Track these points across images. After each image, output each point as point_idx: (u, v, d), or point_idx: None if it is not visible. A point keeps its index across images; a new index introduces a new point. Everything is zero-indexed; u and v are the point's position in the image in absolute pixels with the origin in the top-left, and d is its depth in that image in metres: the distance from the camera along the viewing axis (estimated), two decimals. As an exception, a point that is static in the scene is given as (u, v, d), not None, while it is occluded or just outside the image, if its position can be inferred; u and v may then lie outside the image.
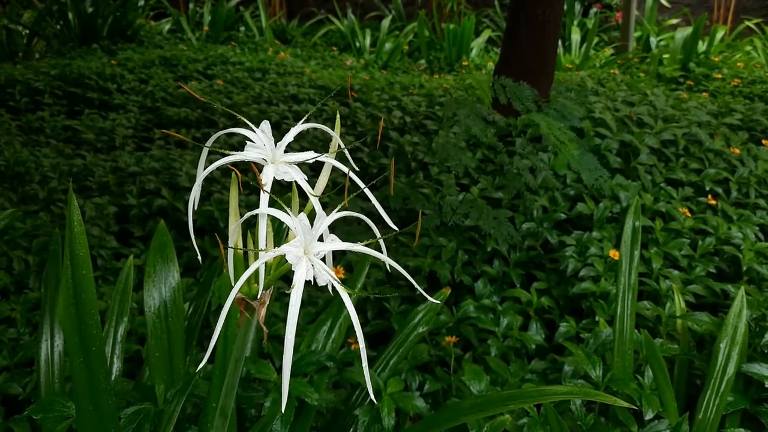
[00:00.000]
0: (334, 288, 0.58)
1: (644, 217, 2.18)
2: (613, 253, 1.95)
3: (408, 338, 1.39)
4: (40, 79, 3.89)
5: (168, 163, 2.69)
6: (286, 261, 0.57)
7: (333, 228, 0.61)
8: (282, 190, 0.63)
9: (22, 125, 3.31)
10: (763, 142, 2.87)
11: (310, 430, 1.25)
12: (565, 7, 6.17)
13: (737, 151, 2.66)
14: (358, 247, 0.59)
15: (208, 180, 2.50)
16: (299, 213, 0.60)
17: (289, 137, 0.64)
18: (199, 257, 0.69)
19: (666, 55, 5.35)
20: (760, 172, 2.54)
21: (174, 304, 1.14)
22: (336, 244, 0.59)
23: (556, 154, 2.56)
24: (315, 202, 0.61)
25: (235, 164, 0.62)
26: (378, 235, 0.64)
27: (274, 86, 4.11)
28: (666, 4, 7.07)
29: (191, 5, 6.72)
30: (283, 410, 0.53)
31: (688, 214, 2.24)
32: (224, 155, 0.62)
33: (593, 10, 6.81)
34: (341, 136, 0.69)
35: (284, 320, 1.69)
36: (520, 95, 2.06)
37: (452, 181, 2.42)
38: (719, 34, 5.71)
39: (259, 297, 0.63)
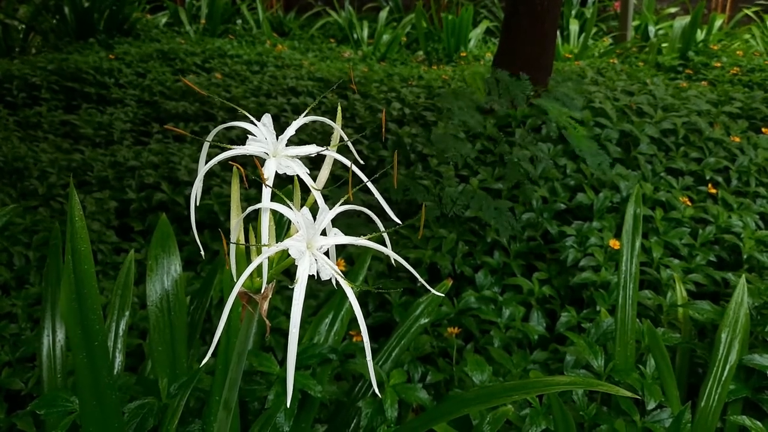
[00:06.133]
0: (336, 281, 0.58)
1: (644, 207, 2.18)
2: (614, 243, 1.94)
3: (410, 330, 1.39)
4: (37, 74, 3.88)
5: (167, 157, 2.69)
6: (289, 255, 0.57)
7: (334, 220, 0.61)
8: (281, 183, 0.63)
9: (20, 120, 3.30)
10: (763, 130, 2.87)
11: (314, 423, 1.25)
12: (564, -4, 6.14)
13: (737, 139, 2.65)
14: (362, 241, 0.59)
15: (208, 174, 2.49)
16: (301, 207, 0.60)
17: (290, 131, 0.63)
18: (202, 252, 0.69)
19: (665, 44, 5.33)
20: (760, 161, 2.54)
21: (176, 297, 1.14)
22: (339, 238, 0.59)
23: (556, 143, 2.55)
24: (317, 196, 0.61)
25: (235, 158, 0.62)
26: (381, 227, 0.64)
27: (273, 79, 4.10)
28: (664, -8, 7.04)
29: (188, -2, 6.69)
30: (288, 404, 0.53)
31: (689, 203, 2.24)
32: (225, 149, 0.62)
33: (591, -1, 6.79)
34: (341, 128, 0.69)
35: (286, 313, 1.69)
36: (515, 89, 2.05)
37: (451, 173, 2.41)
38: (718, 23, 5.69)
39: (261, 291, 0.63)
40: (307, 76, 4.23)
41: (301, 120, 0.66)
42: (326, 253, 0.60)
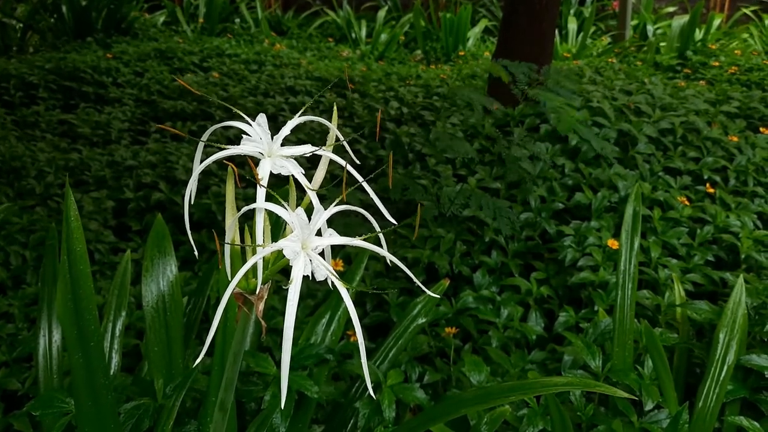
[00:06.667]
0: (332, 281, 0.58)
1: (643, 206, 2.18)
2: (612, 243, 1.94)
3: (407, 330, 1.39)
4: (35, 73, 3.87)
5: (165, 157, 2.68)
6: (284, 255, 0.57)
7: (331, 220, 0.61)
8: (278, 183, 0.62)
9: (17, 120, 3.29)
10: (761, 129, 2.87)
11: (311, 423, 1.25)
12: (562, -5, 6.14)
13: (735, 139, 2.65)
14: (357, 242, 0.59)
15: (205, 173, 2.49)
16: (297, 207, 0.59)
17: (285, 130, 0.63)
18: (196, 252, 0.69)
19: (663, 44, 5.33)
20: (758, 160, 2.53)
21: (172, 298, 1.14)
22: (334, 238, 0.59)
23: (554, 143, 2.55)
24: (312, 196, 0.60)
25: (231, 157, 0.62)
26: (377, 228, 0.63)
27: (271, 78, 4.09)
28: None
29: (186, -3, 6.68)
30: (282, 405, 0.53)
31: (687, 203, 2.24)
32: (221, 149, 0.62)
33: (590, -2, 6.78)
34: (338, 127, 0.69)
35: (283, 313, 1.68)
36: (519, 70, 2.08)
37: (449, 172, 2.41)
38: (716, 22, 5.69)
39: (257, 292, 0.63)
40: (305, 75, 4.22)
41: (297, 120, 0.66)
42: (321, 254, 0.60)
